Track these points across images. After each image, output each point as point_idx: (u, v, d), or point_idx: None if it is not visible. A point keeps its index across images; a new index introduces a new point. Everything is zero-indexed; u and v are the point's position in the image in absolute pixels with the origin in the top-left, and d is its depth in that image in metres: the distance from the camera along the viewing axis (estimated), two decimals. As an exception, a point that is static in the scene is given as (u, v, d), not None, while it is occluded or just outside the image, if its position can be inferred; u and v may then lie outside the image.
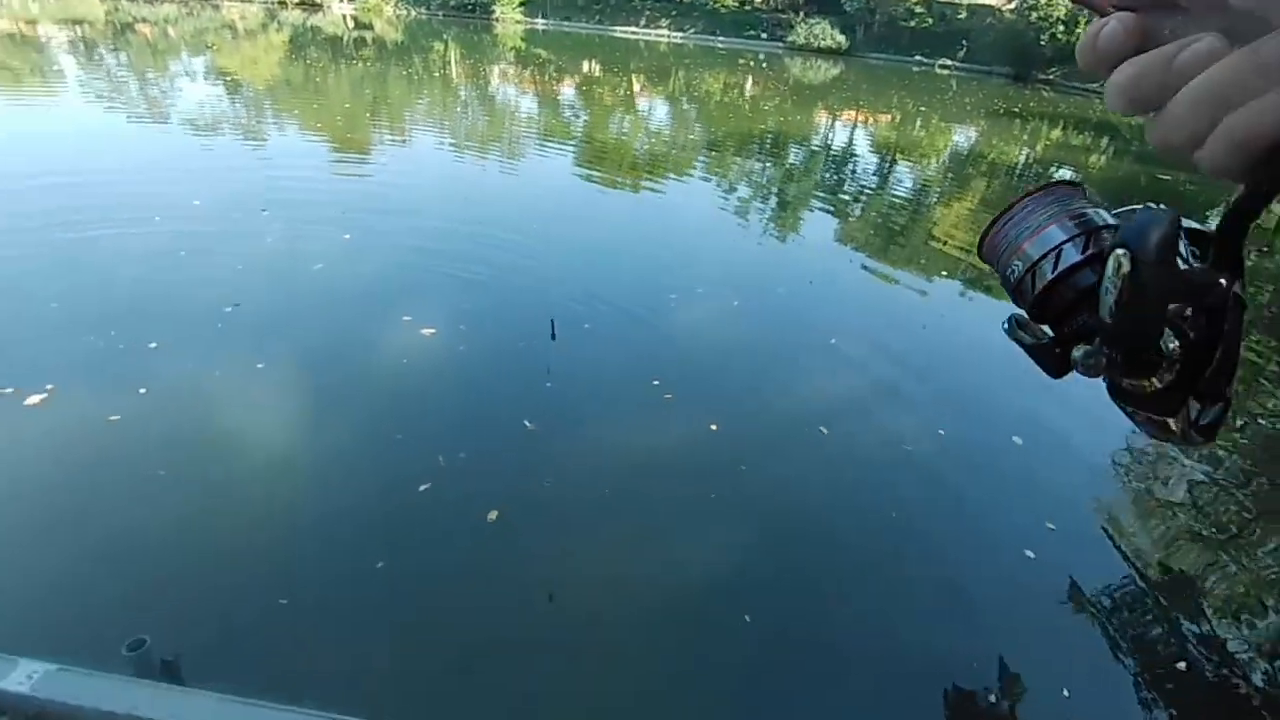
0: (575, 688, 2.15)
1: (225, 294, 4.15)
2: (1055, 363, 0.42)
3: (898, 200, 9.54)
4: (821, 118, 17.28)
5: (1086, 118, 22.58)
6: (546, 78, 20.44)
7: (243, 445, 3.03)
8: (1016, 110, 22.23)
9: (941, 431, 3.56)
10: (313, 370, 3.60)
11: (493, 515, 2.73)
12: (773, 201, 8.47)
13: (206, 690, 1.85)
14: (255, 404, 3.29)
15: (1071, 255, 0.38)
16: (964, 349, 4.76)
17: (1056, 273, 0.39)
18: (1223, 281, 0.36)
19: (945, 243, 7.44)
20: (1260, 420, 4.14)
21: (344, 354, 3.80)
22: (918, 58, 41.38)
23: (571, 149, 10.60)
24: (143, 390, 3.22)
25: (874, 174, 11.35)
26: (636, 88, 20.06)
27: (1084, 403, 4.11)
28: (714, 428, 3.38)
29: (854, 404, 3.80)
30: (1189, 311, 0.37)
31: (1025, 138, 17.20)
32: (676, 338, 4.36)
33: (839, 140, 14.59)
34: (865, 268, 6.16)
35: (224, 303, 4.04)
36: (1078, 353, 0.39)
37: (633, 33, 44.09)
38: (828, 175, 10.65)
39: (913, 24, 41.61)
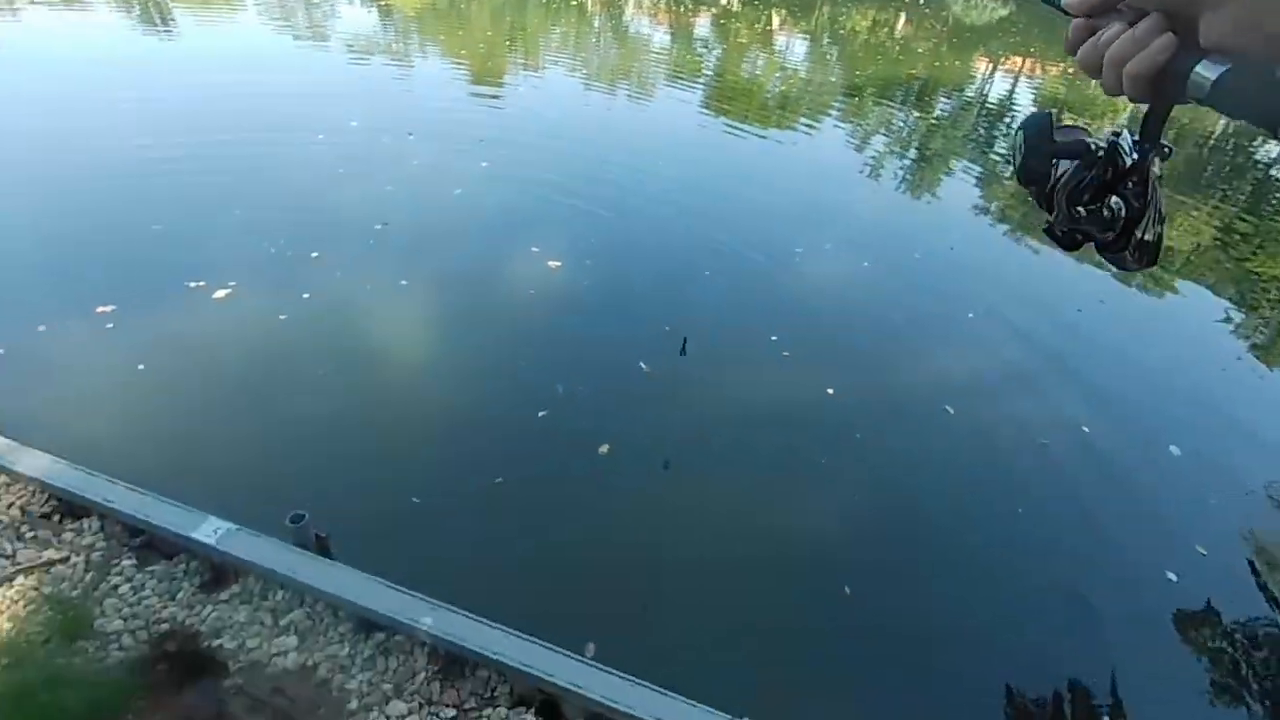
0: (662, 619, 2.26)
1: (376, 213, 4.47)
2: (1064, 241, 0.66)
3: (1061, 165, 8.52)
4: (981, 65, 15.58)
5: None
6: (682, 9, 19.68)
7: (386, 354, 3.32)
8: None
9: (1085, 429, 3.28)
10: (449, 292, 3.84)
11: (604, 449, 2.85)
12: (914, 156, 7.84)
13: (348, 566, 2.13)
14: (399, 318, 3.58)
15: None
16: (1122, 342, 4.28)
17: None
18: (1135, 157, 0.59)
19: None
20: None
21: (477, 279, 4.01)
22: None
23: (703, 87, 10.26)
24: (305, 295, 3.58)
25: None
26: (776, 23, 18.90)
27: (1251, 424, 3.64)
28: (830, 392, 3.30)
29: (987, 386, 3.56)
30: (1131, 184, 0.58)
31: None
32: (799, 294, 4.23)
33: (998, 92, 13.12)
34: (1014, 238, 5.63)
35: (374, 221, 4.36)
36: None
37: (777, -38, 40.95)
38: (980, 131, 9.68)
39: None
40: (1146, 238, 0.60)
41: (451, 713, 1.87)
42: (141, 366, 3.02)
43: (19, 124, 5.50)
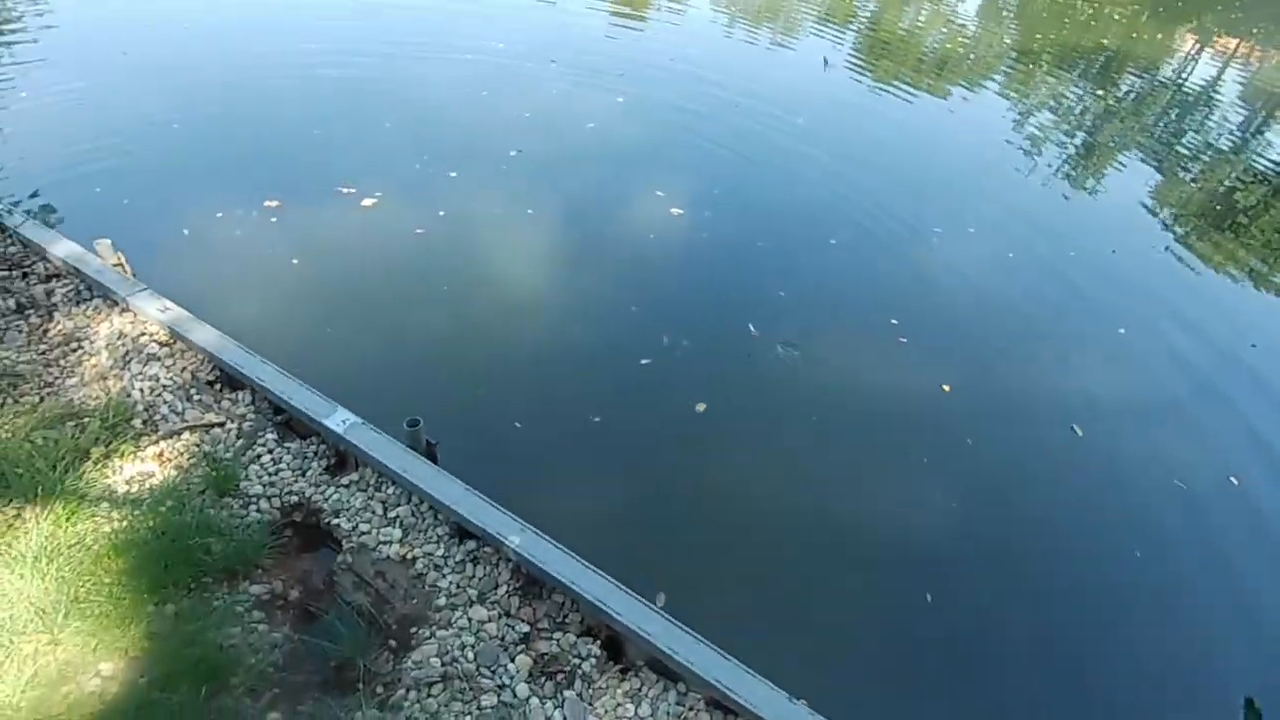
0: (737, 586, 2.28)
1: (512, 139, 4.56)
2: None
3: (1257, 172, 7.34)
4: (1185, 42, 13.48)
5: None
6: (845, -53, 18.13)
7: (508, 280, 3.44)
8: None
9: (1235, 480, 2.93)
10: (572, 226, 3.90)
11: (701, 407, 2.86)
12: (1083, 140, 7.00)
13: (452, 475, 2.29)
14: (523, 246, 3.68)
15: None
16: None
17: None
18: None
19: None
20: None
21: (600, 217, 4.04)
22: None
23: (855, 35, 9.53)
24: (441, 213, 3.75)
25: (1234, 130, 8.76)
26: (949, -29, 17.06)
27: None
28: (946, 389, 3.12)
29: (1124, 411, 3.23)
30: None
31: None
32: (930, 278, 3.96)
33: (1199, 75, 11.33)
34: (1185, 248, 4.97)
35: (510, 146, 4.46)
36: None
37: (962, -101, 36.62)
38: (1166, 120, 8.47)
39: (1383, -81, 29.47)
40: None
41: (525, 628, 2.00)
42: (295, 261, 3.30)
43: (198, 23, 5.97)
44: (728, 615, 2.15)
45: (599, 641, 2.00)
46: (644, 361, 3.04)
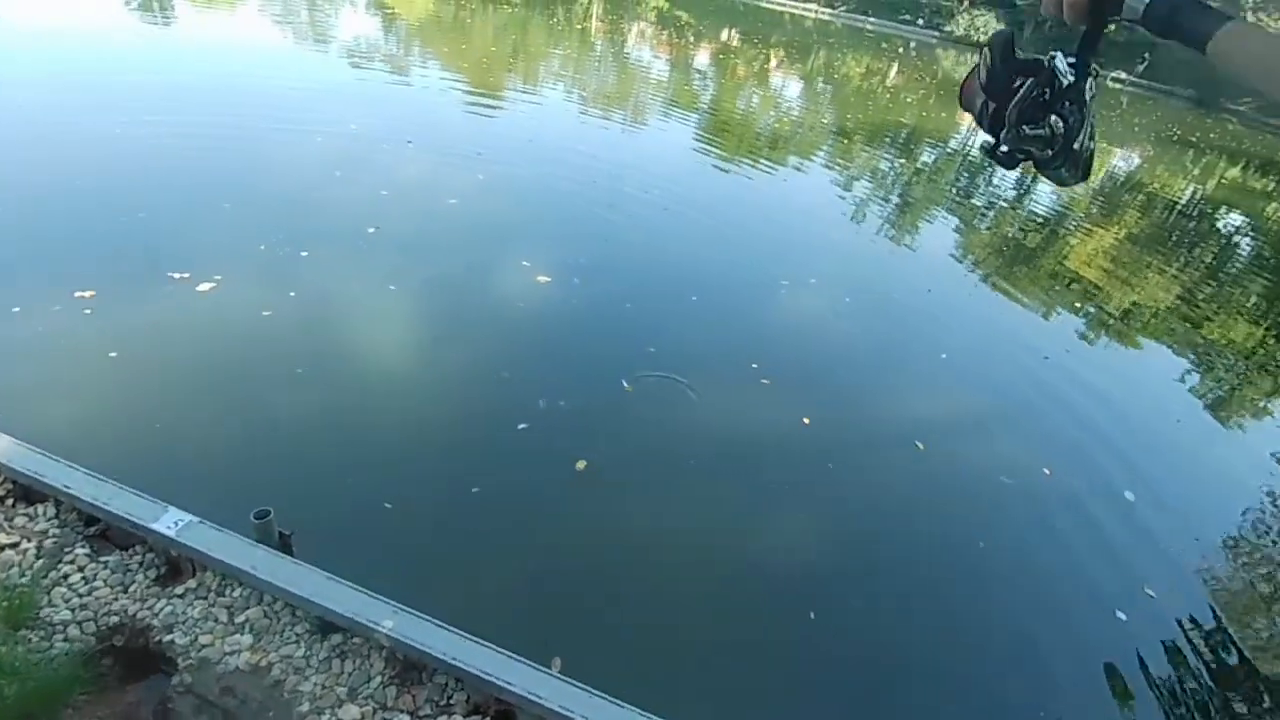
0: (630, 636, 2.25)
1: (369, 216, 4.48)
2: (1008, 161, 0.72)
3: (1035, 219, 8.84)
4: (966, 118, 16.11)
5: (1274, 160, 19.93)
6: (684, 42, 20.16)
7: (370, 357, 3.30)
8: (1193, 139, 19.85)
9: (1047, 471, 3.37)
10: (437, 299, 3.85)
11: (581, 465, 2.85)
12: (897, 200, 8.08)
13: (311, 565, 2.10)
14: (385, 322, 3.57)
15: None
16: (1085, 388, 4.42)
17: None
18: (1072, 78, 0.66)
19: (1081, 273, 6.87)
20: None
21: (466, 289, 4.02)
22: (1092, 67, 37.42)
23: (698, 118, 10.49)
24: (292, 294, 3.56)
25: (1012, 187, 10.53)
26: (773, 63, 19.43)
27: (1207, 472, 3.81)
28: (807, 421, 3.35)
29: (956, 425, 3.64)
30: (1068, 103, 0.64)
31: (1196, 172, 15.40)
32: (782, 325, 4.31)
33: (978, 144, 13.57)
34: (988, 284, 5.81)
35: (367, 224, 4.36)
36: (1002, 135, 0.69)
37: (780, 4, 42.44)
38: (961, 181, 10.01)
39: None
40: (1081, 151, 0.64)
41: (405, 718, 1.83)
42: (114, 354, 2.96)
43: (15, 98, 5.44)
44: (627, 666, 2.10)
45: (489, 717, 1.87)
46: (521, 426, 3.00)
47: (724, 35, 23.80)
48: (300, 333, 3.34)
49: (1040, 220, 8.79)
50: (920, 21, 41.25)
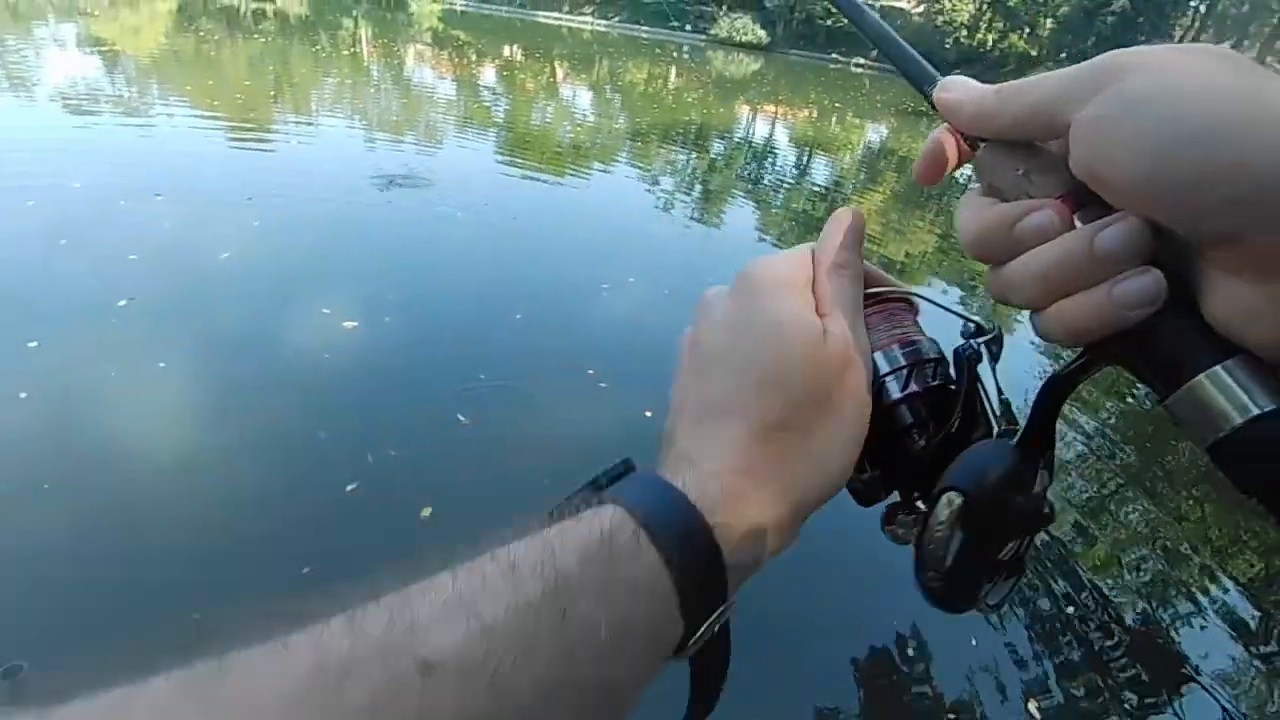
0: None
1: (117, 287, 3.79)
2: (866, 495, 0.41)
3: (817, 192, 9.90)
4: (743, 111, 17.63)
5: (984, 117, 23.97)
6: (466, 61, 19.80)
7: (144, 452, 2.79)
8: (924, 110, 23.34)
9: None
10: (224, 368, 3.36)
11: (426, 513, 2.65)
12: (698, 192, 8.59)
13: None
14: (158, 407, 3.03)
15: (893, 391, 0.37)
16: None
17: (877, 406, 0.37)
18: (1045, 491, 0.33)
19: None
20: (1128, 399, 4.60)
21: (259, 350, 3.57)
22: (834, 55, 42.98)
23: (494, 134, 10.34)
24: (23, 395, 2.90)
25: (793, 167, 11.72)
26: (560, 75, 19.78)
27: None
28: (649, 414, 3.40)
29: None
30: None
31: (930, 130, 18.12)
32: (611, 327, 4.36)
33: (760, 134, 14.94)
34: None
35: (116, 296, 3.69)
36: (897, 518, 0.39)
37: (555, 18, 43.35)
38: (750, 168, 10.90)
39: (829, 22, 43.11)
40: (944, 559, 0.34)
41: None
42: None
43: None
44: None
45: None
46: (350, 488, 2.71)
47: (506, 52, 23.77)
48: (40, 439, 2.73)
49: (820, 193, 9.84)
50: (688, 27, 44.48)
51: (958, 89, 0.34)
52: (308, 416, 3.11)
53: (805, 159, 12.69)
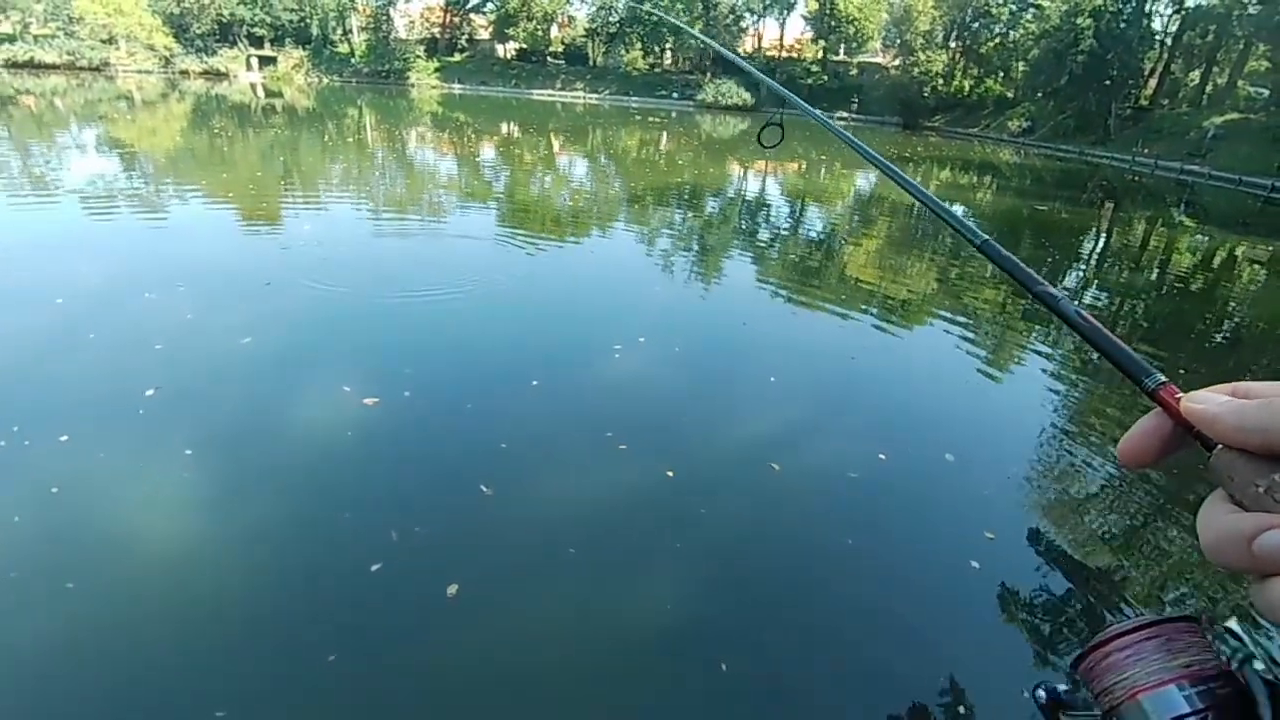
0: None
1: (144, 377, 3.88)
2: None
3: (812, 241, 10.13)
4: (734, 169, 18.21)
5: (970, 159, 24.81)
6: (465, 140, 20.64)
7: (171, 541, 2.80)
8: (908, 155, 24.20)
9: (882, 456, 3.74)
10: (249, 452, 3.41)
11: (452, 590, 2.62)
12: (697, 249, 8.80)
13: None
14: (185, 494, 3.06)
15: None
16: (892, 374, 5.04)
17: None
18: None
19: (859, 277, 7.94)
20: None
21: (283, 432, 3.62)
22: (816, 110, 44.43)
23: (497, 206, 10.69)
24: (55, 489, 2.94)
25: (787, 218, 12.02)
26: (556, 147, 20.55)
27: (1009, 412, 4.50)
28: (671, 474, 3.41)
29: (799, 437, 3.93)
30: None
31: (918, 179, 18.54)
32: (625, 388, 4.40)
33: (752, 189, 15.39)
34: (791, 305, 6.47)
35: (143, 386, 3.77)
36: None
37: (549, 95, 45.40)
38: (744, 221, 11.19)
39: (810, 81, 45.01)
40: None
41: None
42: None
43: None
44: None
45: None
46: (375, 567, 2.70)
47: (504, 129, 24.80)
48: (72, 535, 2.75)
49: (816, 242, 10.07)
50: (675, 95, 46.43)
51: (1209, 402, 0.33)
52: (333, 496, 3.12)
53: (798, 209, 13.03)
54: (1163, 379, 0.36)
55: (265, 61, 45.90)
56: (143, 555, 2.73)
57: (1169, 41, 34.55)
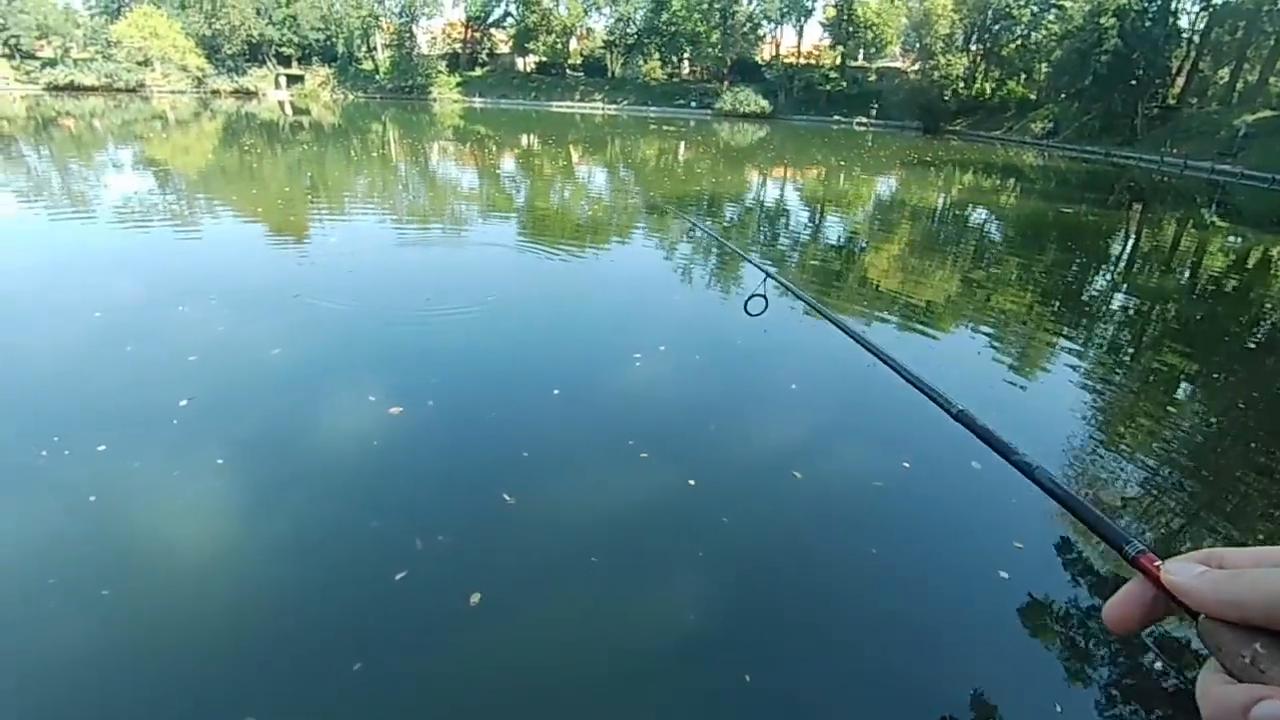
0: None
1: (178, 388, 4.00)
2: None
3: (832, 246, 10.07)
4: (753, 175, 18.18)
5: (992, 162, 24.44)
6: (486, 152, 20.93)
7: (202, 549, 2.87)
8: (929, 159, 23.93)
9: (906, 464, 3.69)
10: (278, 461, 3.48)
11: (475, 598, 2.64)
12: (714, 256, 8.79)
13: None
14: (216, 503, 3.13)
15: None
16: (909, 387, 4.96)
17: None
18: None
19: (880, 283, 7.86)
20: (1188, 427, 4.45)
21: (310, 441, 3.69)
22: (836, 117, 44.40)
23: (518, 218, 10.81)
24: (92, 498, 3.04)
25: (806, 224, 11.96)
26: (575, 158, 20.73)
27: (1037, 419, 4.41)
28: (692, 483, 3.41)
29: (821, 446, 3.90)
30: None
31: (940, 183, 18.49)
32: (646, 397, 4.41)
33: (770, 195, 15.35)
34: (812, 312, 6.41)
35: (177, 397, 3.88)
36: None
37: (569, 107, 45.87)
38: (764, 228, 11.16)
39: (828, 87, 44.85)
40: None
41: None
42: None
43: None
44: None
45: None
46: (399, 576, 2.73)
47: (524, 141, 25.09)
48: (106, 543, 2.83)
49: (837, 247, 10.00)
50: (693, 104, 46.59)
51: (1185, 574, 0.32)
52: (358, 505, 3.17)
53: (817, 215, 12.96)
54: (1141, 547, 0.36)
55: (293, 79, 47.16)
56: (175, 563, 2.80)
57: (1197, 39, 33.84)
